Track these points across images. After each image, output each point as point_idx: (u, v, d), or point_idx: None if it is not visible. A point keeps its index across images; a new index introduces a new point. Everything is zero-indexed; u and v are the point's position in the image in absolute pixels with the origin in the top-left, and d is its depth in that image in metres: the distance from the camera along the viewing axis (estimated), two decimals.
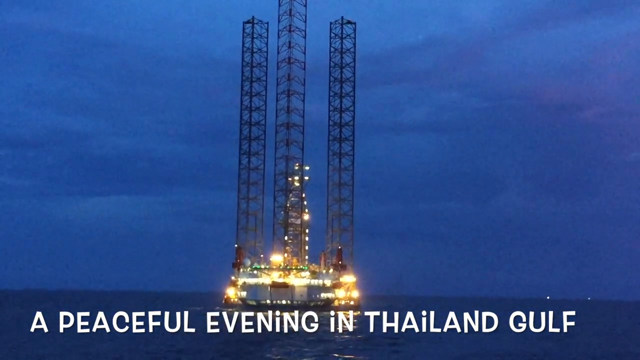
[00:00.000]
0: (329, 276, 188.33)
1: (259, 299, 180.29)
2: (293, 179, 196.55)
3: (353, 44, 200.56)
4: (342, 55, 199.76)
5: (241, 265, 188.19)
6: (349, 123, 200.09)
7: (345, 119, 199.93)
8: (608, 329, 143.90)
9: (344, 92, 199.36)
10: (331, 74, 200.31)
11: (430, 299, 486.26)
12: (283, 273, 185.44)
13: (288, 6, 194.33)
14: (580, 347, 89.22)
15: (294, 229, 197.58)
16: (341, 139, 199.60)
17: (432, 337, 77.58)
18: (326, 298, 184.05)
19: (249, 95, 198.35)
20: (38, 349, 68.71)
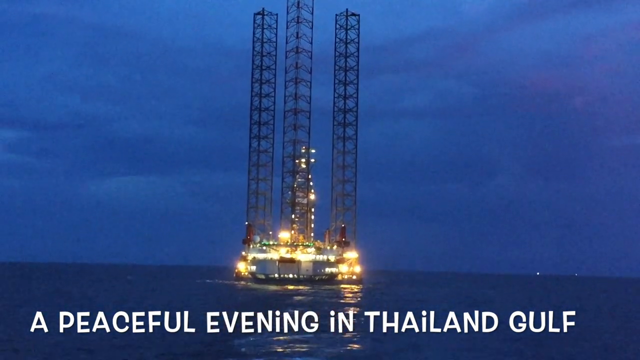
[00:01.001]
0: (333, 252, 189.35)
1: (267, 273, 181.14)
2: (300, 161, 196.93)
3: (357, 35, 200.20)
4: (347, 46, 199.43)
5: (251, 241, 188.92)
6: (352, 109, 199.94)
7: (349, 105, 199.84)
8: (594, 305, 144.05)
9: (348, 80, 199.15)
10: (336, 63, 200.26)
11: (426, 274, 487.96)
12: (290, 249, 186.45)
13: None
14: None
15: (301, 208, 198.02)
16: (345, 124, 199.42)
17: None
18: (330, 272, 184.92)
19: (259, 82, 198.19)
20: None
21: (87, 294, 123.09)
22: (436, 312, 38.66)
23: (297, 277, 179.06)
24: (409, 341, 34.08)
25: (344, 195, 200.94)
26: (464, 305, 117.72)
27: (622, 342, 62.72)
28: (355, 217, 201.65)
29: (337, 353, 29.95)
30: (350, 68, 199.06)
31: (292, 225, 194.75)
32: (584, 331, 74.59)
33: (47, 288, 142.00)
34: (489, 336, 61.17)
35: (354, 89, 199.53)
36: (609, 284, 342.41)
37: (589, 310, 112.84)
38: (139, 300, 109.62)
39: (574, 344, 59.14)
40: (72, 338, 10.01)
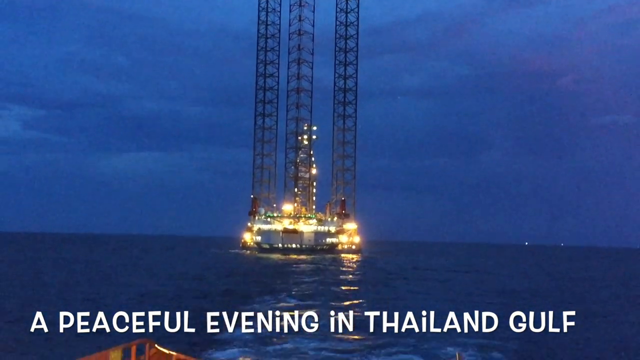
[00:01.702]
0: (333, 223, 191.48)
1: (271, 243, 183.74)
2: (302, 137, 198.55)
3: (356, 18, 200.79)
4: (347, 28, 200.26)
5: (256, 213, 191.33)
6: (352, 88, 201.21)
7: (349, 85, 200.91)
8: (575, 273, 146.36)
9: (348, 61, 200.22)
10: (336, 45, 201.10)
11: (422, 244, 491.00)
12: (293, 220, 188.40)
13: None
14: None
15: (303, 182, 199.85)
16: (345, 103, 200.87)
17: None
18: (331, 243, 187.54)
19: (263, 63, 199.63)
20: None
21: (111, 262, 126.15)
22: (436, 311, 40.11)
23: (299, 247, 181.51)
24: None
25: (344, 169, 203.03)
26: (456, 273, 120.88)
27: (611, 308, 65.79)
28: (355, 190, 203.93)
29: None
30: (350, 49, 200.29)
31: (295, 198, 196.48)
32: (572, 296, 77.68)
33: (71, 257, 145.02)
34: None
35: (354, 69, 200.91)
36: (593, 253, 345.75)
37: (577, 277, 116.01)
38: (157, 269, 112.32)
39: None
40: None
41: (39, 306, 54.16)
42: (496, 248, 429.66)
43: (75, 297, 60.14)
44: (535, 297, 74.00)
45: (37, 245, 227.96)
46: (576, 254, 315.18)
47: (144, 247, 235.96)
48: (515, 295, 73.83)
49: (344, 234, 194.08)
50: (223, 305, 56.19)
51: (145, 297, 61.89)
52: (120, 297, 61.31)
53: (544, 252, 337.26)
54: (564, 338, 39.65)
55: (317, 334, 42.15)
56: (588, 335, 46.88)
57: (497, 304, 64.10)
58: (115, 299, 59.78)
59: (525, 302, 67.20)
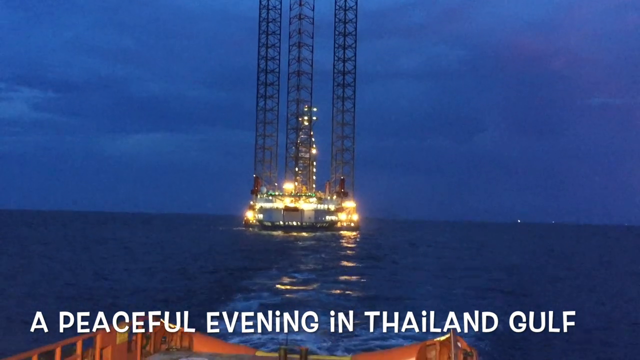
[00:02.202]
0: (333, 202, 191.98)
1: (273, 220, 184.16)
2: (303, 119, 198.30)
3: (355, 2, 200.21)
4: (346, 12, 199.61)
5: (258, 192, 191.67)
6: (351, 71, 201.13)
7: (348, 68, 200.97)
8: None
9: (347, 44, 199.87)
10: (336, 29, 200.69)
11: (418, 222, 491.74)
12: (294, 199, 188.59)
13: None
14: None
15: (304, 161, 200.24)
16: (344, 85, 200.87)
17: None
18: (330, 220, 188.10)
19: (265, 46, 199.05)
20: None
21: (124, 239, 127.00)
22: (435, 312, 40.62)
23: (300, 225, 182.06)
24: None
25: (343, 150, 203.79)
26: (450, 249, 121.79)
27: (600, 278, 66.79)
28: (353, 170, 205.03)
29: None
30: (349, 33, 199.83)
31: (296, 177, 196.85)
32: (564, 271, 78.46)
33: (85, 233, 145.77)
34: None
35: (352, 52, 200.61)
36: (582, 230, 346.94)
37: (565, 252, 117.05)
38: (168, 246, 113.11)
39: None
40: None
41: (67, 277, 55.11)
42: (490, 226, 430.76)
43: (89, 275, 61.01)
44: (520, 273, 74.87)
45: (48, 223, 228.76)
46: (565, 231, 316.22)
47: (150, 225, 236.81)
48: (504, 270, 74.70)
49: (343, 212, 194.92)
50: (233, 278, 57.03)
51: (156, 275, 62.69)
52: (134, 274, 62.13)
53: (535, 230, 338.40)
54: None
55: (317, 305, 43.13)
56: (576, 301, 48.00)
57: (485, 278, 65.08)
58: (130, 276, 60.60)
59: (512, 277, 68.10)
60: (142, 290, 49.23)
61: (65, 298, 43.55)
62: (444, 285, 58.05)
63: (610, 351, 29.51)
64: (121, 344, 14.29)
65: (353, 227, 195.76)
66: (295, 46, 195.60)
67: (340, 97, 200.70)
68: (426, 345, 16.17)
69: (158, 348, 16.32)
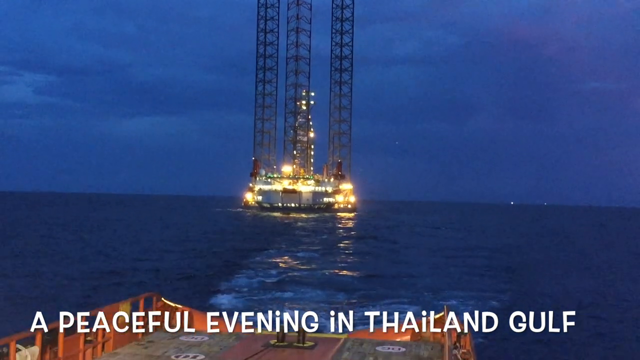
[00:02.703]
0: (330, 184, 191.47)
1: (272, 202, 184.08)
2: (301, 103, 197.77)
3: None
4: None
5: (257, 174, 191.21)
6: (348, 56, 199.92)
7: (345, 53, 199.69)
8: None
9: (344, 30, 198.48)
10: (333, 14, 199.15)
11: (414, 203, 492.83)
12: (292, 181, 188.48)
13: None
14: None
15: (302, 144, 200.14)
16: (341, 70, 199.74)
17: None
18: (328, 202, 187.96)
19: (264, 32, 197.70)
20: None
21: (130, 220, 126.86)
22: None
23: (298, 206, 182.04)
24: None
25: (340, 133, 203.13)
26: (443, 229, 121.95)
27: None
28: (350, 153, 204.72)
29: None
30: (346, 19, 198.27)
31: (294, 160, 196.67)
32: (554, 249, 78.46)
33: (94, 215, 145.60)
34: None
35: (350, 38, 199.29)
36: (574, 212, 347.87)
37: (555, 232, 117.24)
38: (174, 226, 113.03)
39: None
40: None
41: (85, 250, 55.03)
42: (483, 207, 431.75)
43: (98, 251, 60.84)
44: (512, 253, 74.91)
45: (51, 205, 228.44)
46: (556, 213, 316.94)
47: (152, 207, 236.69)
48: (497, 250, 74.77)
49: (340, 194, 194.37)
50: (234, 258, 56.94)
51: (158, 254, 62.55)
52: (139, 254, 61.95)
53: (526, 211, 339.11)
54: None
55: (316, 284, 43.08)
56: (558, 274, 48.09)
57: (479, 257, 65.14)
58: (135, 256, 60.41)
59: (505, 255, 68.13)
60: (145, 269, 49.15)
61: (74, 278, 43.39)
62: (439, 264, 58.06)
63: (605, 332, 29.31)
64: (123, 321, 14.22)
65: (350, 208, 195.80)
66: (294, 31, 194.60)
67: (337, 82, 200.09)
68: (421, 323, 16.13)
69: (159, 326, 16.23)
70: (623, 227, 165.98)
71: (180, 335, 15.72)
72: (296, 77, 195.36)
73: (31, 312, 30.80)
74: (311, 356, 14.01)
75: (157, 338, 15.35)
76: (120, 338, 14.19)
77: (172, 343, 14.91)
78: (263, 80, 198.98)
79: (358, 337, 16.15)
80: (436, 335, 15.69)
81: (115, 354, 13.67)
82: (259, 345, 14.60)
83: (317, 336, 15.87)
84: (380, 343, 15.36)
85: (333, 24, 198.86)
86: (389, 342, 15.50)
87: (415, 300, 37.01)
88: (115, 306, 14.11)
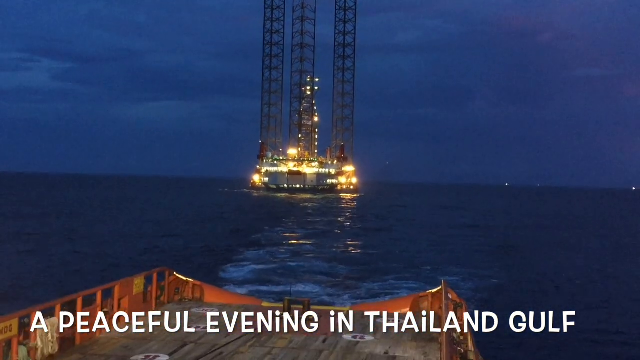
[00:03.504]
0: (333, 166, 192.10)
1: (278, 183, 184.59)
2: (305, 88, 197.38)
3: None
4: None
5: (264, 157, 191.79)
6: (350, 44, 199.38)
7: (348, 41, 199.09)
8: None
9: (347, 18, 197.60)
10: (337, 3, 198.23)
11: (413, 185, 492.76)
12: (297, 163, 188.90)
13: None
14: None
15: (306, 128, 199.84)
16: (344, 57, 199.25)
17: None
18: (331, 183, 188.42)
19: (270, 20, 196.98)
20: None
21: (150, 201, 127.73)
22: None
23: (303, 187, 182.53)
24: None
25: (343, 118, 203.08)
26: (438, 209, 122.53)
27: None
28: (353, 136, 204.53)
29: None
30: (349, 8, 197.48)
31: (299, 143, 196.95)
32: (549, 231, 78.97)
33: (111, 195, 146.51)
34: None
35: (352, 26, 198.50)
36: (566, 193, 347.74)
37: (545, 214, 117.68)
38: (182, 206, 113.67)
39: None
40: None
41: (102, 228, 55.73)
42: (479, 188, 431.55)
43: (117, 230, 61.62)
44: (505, 231, 75.51)
45: (68, 186, 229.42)
46: (550, 194, 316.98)
47: (165, 187, 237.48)
48: (492, 229, 75.45)
49: (342, 176, 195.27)
50: (244, 234, 57.66)
51: (171, 230, 63.30)
52: (153, 230, 62.75)
53: (519, 192, 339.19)
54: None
55: (321, 259, 43.73)
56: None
57: (475, 235, 65.79)
58: (149, 232, 61.20)
59: (499, 234, 68.75)
60: (161, 246, 49.86)
61: (95, 255, 44.22)
62: (438, 241, 58.74)
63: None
64: (137, 294, 14.51)
65: (352, 189, 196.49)
66: (299, 20, 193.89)
67: (340, 69, 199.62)
68: (419, 296, 16.49)
69: (171, 299, 16.52)
70: (614, 208, 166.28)
71: (191, 307, 15.83)
72: (301, 64, 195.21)
73: (55, 284, 31.55)
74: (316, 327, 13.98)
75: (170, 309, 15.27)
76: (135, 309, 14.23)
77: (184, 314, 14.59)
78: (270, 67, 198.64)
79: (360, 309, 16.23)
80: (434, 307, 15.90)
81: (130, 324, 13.63)
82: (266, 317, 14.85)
83: (321, 308, 16.00)
84: (381, 315, 15.86)
85: (337, 12, 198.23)
86: (390, 314, 15.28)
87: (415, 275, 37.65)
88: (130, 280, 14.27)
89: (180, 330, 13.26)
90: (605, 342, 19.68)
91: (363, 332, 13.68)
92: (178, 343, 12.41)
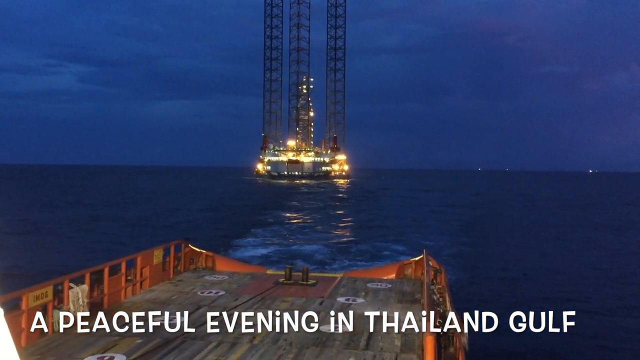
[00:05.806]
0: (327, 155, 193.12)
1: (279, 171, 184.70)
2: (302, 87, 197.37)
3: None
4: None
5: (266, 148, 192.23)
6: (341, 47, 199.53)
7: (339, 44, 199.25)
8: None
9: (338, 24, 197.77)
10: (329, 12, 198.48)
11: (397, 170, 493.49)
12: (295, 153, 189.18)
13: None
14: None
15: (303, 122, 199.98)
16: (336, 59, 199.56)
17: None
18: (326, 170, 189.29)
19: (270, 27, 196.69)
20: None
21: (168, 187, 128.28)
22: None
23: (301, 174, 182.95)
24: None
25: (336, 112, 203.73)
26: (420, 191, 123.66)
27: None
28: (344, 129, 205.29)
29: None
30: (339, 15, 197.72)
31: (297, 135, 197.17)
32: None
33: (140, 184, 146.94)
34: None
35: (343, 32, 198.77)
36: (532, 176, 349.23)
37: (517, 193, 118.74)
38: (196, 192, 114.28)
39: None
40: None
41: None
42: (455, 173, 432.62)
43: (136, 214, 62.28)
44: (478, 208, 76.54)
45: (102, 176, 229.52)
46: (517, 177, 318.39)
47: (181, 176, 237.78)
48: (467, 207, 76.57)
49: (336, 164, 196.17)
50: (252, 214, 58.39)
51: (188, 211, 64.06)
52: (174, 211, 63.46)
53: (492, 176, 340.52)
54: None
55: (318, 233, 44.59)
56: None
57: (451, 213, 66.87)
58: (172, 213, 61.89)
59: (472, 211, 69.92)
60: (177, 223, 50.73)
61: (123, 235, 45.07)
62: (420, 217, 59.85)
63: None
64: (157, 264, 14.62)
65: (344, 175, 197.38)
66: (295, 27, 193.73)
67: (332, 69, 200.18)
68: (404, 263, 16.75)
69: (187, 267, 16.65)
70: (579, 188, 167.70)
71: (204, 275, 15.87)
72: (298, 66, 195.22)
73: (85, 256, 32.39)
74: (313, 291, 14.10)
75: (186, 277, 15.48)
76: (155, 277, 14.37)
77: (198, 281, 15.01)
78: (270, 69, 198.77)
79: (352, 275, 16.49)
80: (417, 274, 16.04)
81: (151, 291, 13.79)
82: (270, 283, 14.81)
83: (318, 275, 16.43)
84: (370, 280, 15.57)
85: (328, 20, 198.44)
86: (378, 279, 15.76)
87: (400, 244, 38.19)
88: (150, 251, 14.30)
89: (195, 295, 13.36)
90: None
91: (355, 295, 13.64)
92: (193, 306, 12.32)
